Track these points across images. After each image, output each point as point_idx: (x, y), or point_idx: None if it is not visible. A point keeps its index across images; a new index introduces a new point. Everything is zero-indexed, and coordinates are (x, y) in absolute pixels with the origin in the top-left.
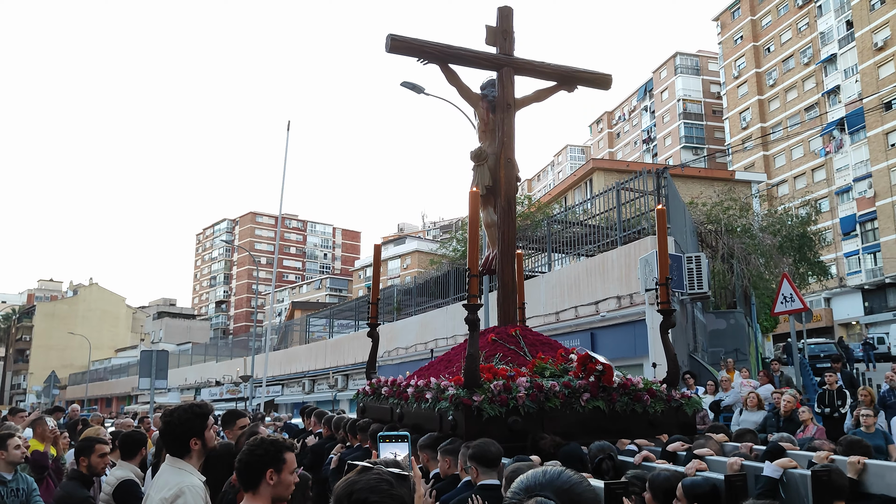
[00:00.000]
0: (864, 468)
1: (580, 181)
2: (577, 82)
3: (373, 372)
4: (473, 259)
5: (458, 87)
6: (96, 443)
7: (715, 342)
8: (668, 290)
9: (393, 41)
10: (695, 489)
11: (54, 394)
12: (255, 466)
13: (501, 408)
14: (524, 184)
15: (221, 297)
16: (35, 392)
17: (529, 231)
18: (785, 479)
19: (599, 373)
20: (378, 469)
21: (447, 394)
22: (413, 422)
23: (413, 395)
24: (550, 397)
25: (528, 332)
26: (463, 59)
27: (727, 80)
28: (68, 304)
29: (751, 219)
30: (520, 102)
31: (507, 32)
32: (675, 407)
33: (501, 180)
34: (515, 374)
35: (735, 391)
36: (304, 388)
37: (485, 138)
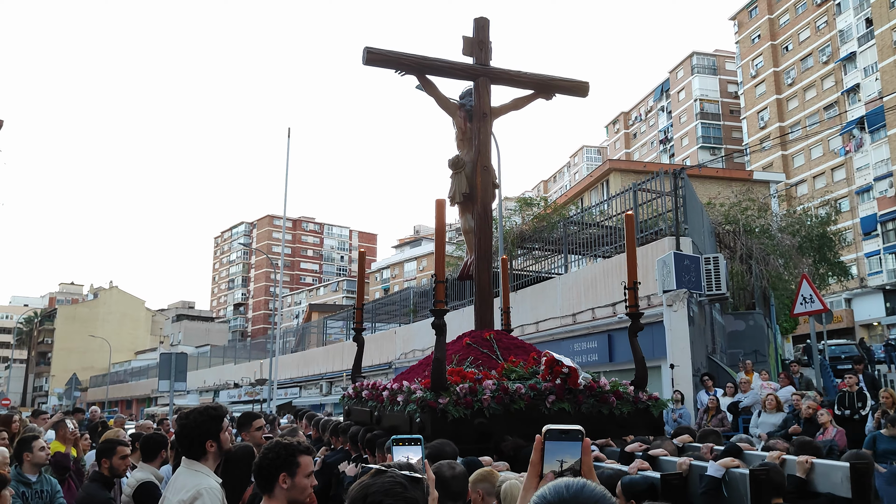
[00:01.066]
0: (811, 468)
1: (596, 182)
2: (554, 90)
3: (358, 375)
4: (440, 266)
5: (436, 97)
6: (118, 445)
7: (734, 344)
8: (636, 294)
9: (369, 54)
10: (632, 487)
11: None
12: (268, 470)
13: (467, 410)
14: (540, 185)
15: (239, 300)
16: (57, 394)
17: (545, 232)
18: (727, 477)
19: (565, 375)
20: (392, 472)
21: (415, 396)
22: (389, 423)
23: (388, 398)
24: (516, 399)
25: (504, 336)
26: (439, 69)
27: (744, 79)
28: (89, 307)
29: (769, 219)
30: (497, 111)
31: (483, 43)
32: (642, 408)
33: (478, 187)
34: (483, 377)
35: (754, 393)
36: (322, 391)
37: (462, 146)
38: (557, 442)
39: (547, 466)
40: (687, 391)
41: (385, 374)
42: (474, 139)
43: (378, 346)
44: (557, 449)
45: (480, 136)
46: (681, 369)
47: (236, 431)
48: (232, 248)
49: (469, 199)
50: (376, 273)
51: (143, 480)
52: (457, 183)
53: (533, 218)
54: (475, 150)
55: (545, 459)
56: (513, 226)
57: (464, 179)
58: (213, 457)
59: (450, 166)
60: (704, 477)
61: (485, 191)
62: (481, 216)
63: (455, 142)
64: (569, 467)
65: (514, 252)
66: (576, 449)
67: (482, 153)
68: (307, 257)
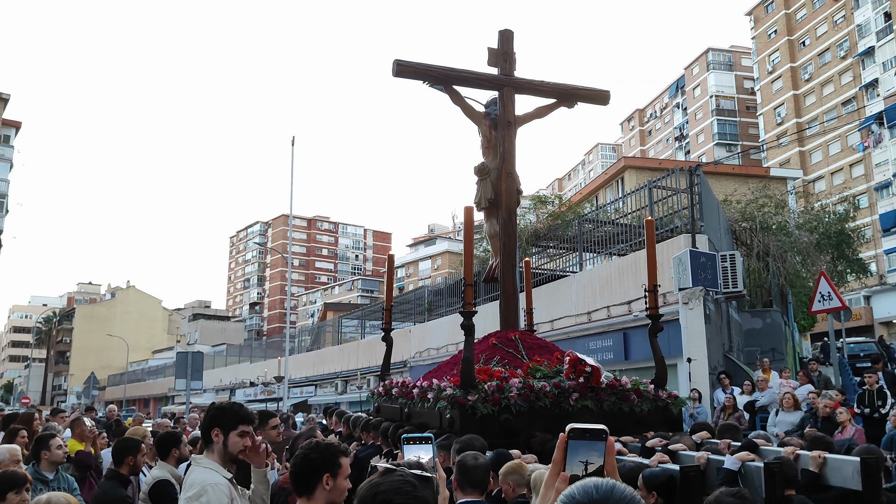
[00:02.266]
0: (824, 462)
1: (611, 180)
2: (576, 99)
3: (387, 374)
4: (468, 270)
5: (462, 107)
6: (142, 443)
7: (751, 342)
8: (656, 296)
9: (399, 66)
10: (653, 479)
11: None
12: (311, 470)
13: (494, 407)
14: (555, 183)
15: (255, 299)
16: (75, 393)
17: (560, 230)
18: (743, 470)
19: (588, 374)
20: (401, 470)
21: (445, 394)
22: (419, 420)
23: (418, 396)
24: (541, 397)
25: (528, 337)
26: (465, 80)
27: (761, 75)
28: (107, 306)
29: (787, 216)
30: (521, 119)
31: (507, 54)
32: (662, 406)
33: (503, 193)
34: (509, 375)
35: (771, 391)
36: (337, 389)
37: (487, 154)
38: (581, 441)
39: (569, 467)
40: (704, 389)
41: (400, 372)
42: (499, 147)
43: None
44: (581, 449)
45: (505, 144)
46: (697, 368)
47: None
48: (247, 248)
49: (494, 204)
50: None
51: (159, 478)
52: (482, 189)
53: (547, 216)
54: (500, 158)
55: (568, 459)
56: (527, 224)
57: (489, 186)
58: (217, 449)
59: (475, 173)
60: (721, 470)
61: (509, 196)
62: (506, 221)
63: (480, 149)
64: (593, 471)
65: (528, 250)
66: (599, 449)
67: (507, 160)
68: (322, 256)
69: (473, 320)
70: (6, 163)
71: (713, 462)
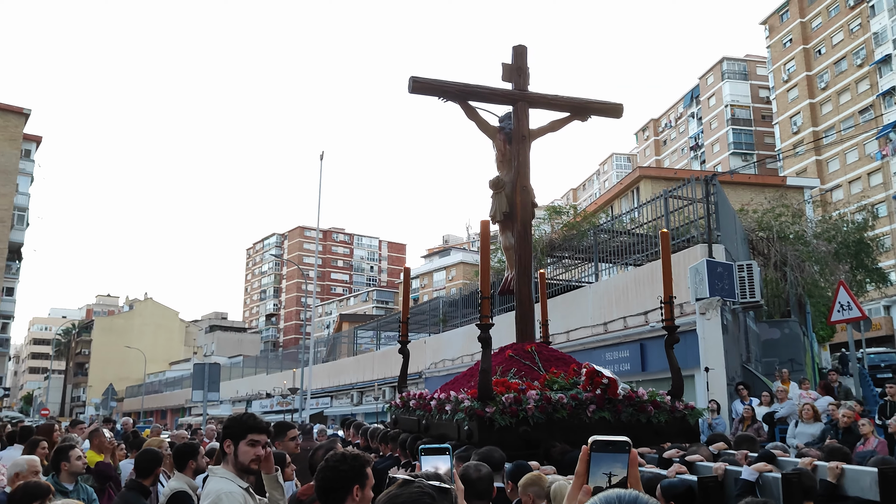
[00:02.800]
0: (842, 473)
1: (627, 190)
2: (589, 112)
3: (404, 386)
4: (485, 283)
5: (477, 122)
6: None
7: (769, 352)
8: (672, 308)
9: (415, 83)
10: (672, 489)
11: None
12: (342, 482)
13: (512, 418)
14: (569, 193)
15: (271, 311)
16: (94, 404)
17: (575, 241)
18: (760, 481)
19: (605, 386)
20: (420, 482)
21: (463, 405)
22: (437, 432)
23: (435, 408)
24: (559, 409)
25: (544, 349)
26: (480, 96)
27: (776, 84)
28: (124, 318)
29: (804, 225)
30: (535, 133)
31: (521, 69)
32: (679, 417)
33: (517, 206)
34: (527, 387)
35: (791, 402)
36: (353, 400)
37: (502, 168)
38: (604, 454)
39: (593, 479)
40: (722, 400)
41: (416, 383)
42: (514, 160)
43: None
44: (604, 461)
45: (520, 158)
46: (715, 379)
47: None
48: (264, 260)
49: (509, 217)
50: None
51: (177, 490)
52: (497, 202)
53: (562, 226)
54: (514, 171)
55: (591, 471)
56: (542, 235)
57: (504, 199)
58: (231, 459)
59: (491, 186)
60: (739, 481)
61: (524, 210)
62: (521, 234)
63: (495, 163)
64: (617, 483)
65: (543, 261)
66: (623, 461)
67: (521, 174)
68: (337, 268)
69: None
70: (27, 177)
71: (731, 473)
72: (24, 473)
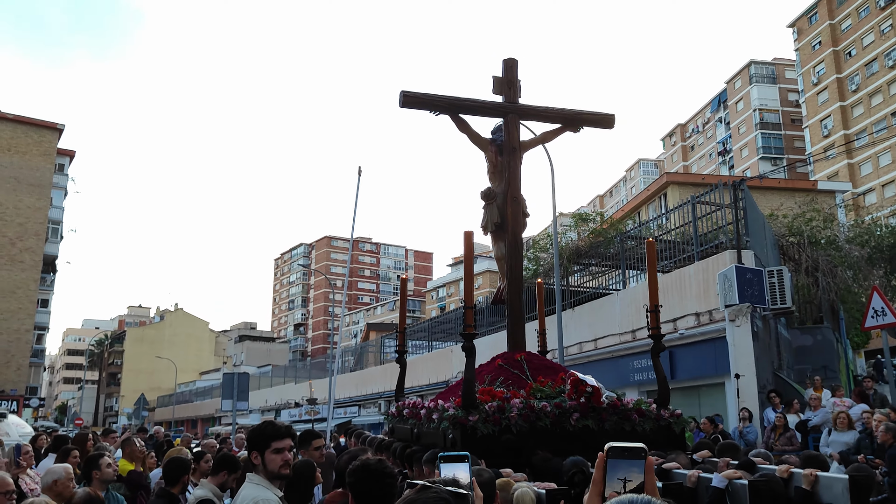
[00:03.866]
0: (816, 480)
1: (654, 196)
2: (580, 123)
3: (401, 395)
4: (468, 293)
5: (469, 134)
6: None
7: (801, 359)
8: (658, 317)
9: (405, 97)
10: None
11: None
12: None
13: (495, 427)
14: (596, 200)
15: (299, 320)
16: (126, 414)
17: (602, 248)
18: (730, 488)
19: (588, 394)
20: (436, 488)
21: (447, 414)
22: (427, 441)
23: (425, 416)
24: (542, 417)
25: (535, 358)
26: (471, 109)
27: (806, 87)
28: (155, 329)
29: (836, 230)
30: (526, 145)
31: (511, 82)
32: (664, 425)
33: (508, 217)
34: (511, 395)
35: (824, 411)
36: (381, 409)
37: (494, 179)
38: (620, 460)
39: (609, 486)
40: (753, 408)
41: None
42: (504, 172)
43: (435, 364)
44: (620, 467)
45: (510, 169)
46: (746, 386)
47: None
48: (291, 270)
49: (501, 228)
50: (432, 291)
51: (202, 498)
52: (489, 213)
53: (589, 233)
54: (505, 183)
55: (607, 478)
56: (568, 242)
57: (495, 210)
58: (261, 470)
59: (482, 198)
60: (710, 488)
61: (515, 220)
62: (511, 244)
63: (487, 175)
64: (633, 489)
65: (570, 268)
66: (639, 467)
67: (512, 185)
68: (364, 277)
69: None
70: (60, 191)
71: (703, 480)
72: (61, 481)
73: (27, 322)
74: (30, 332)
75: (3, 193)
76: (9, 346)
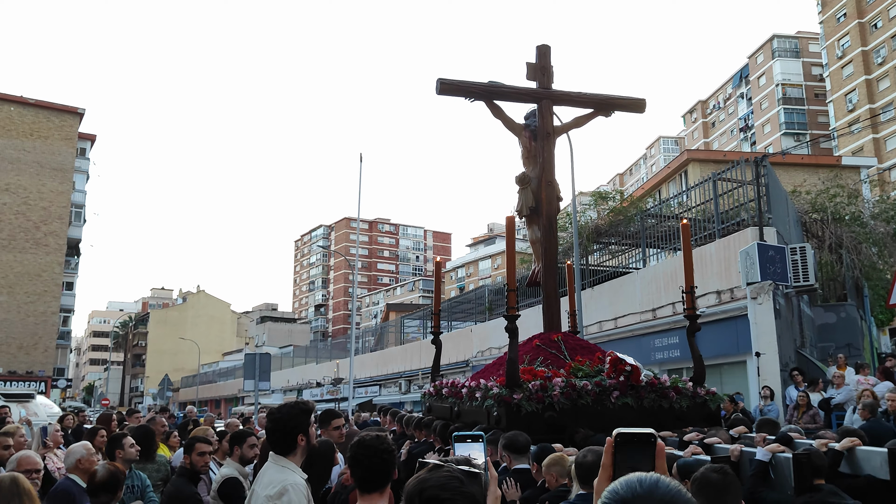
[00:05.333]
0: (853, 450)
1: (674, 173)
2: (612, 108)
3: (437, 375)
4: (511, 276)
5: (503, 120)
6: (196, 441)
7: (824, 337)
8: (694, 297)
9: (442, 84)
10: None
11: (168, 396)
12: (382, 468)
13: (538, 404)
14: (616, 178)
15: (320, 301)
16: (151, 394)
17: (622, 226)
18: (774, 461)
19: (628, 373)
20: (449, 466)
21: (492, 393)
22: (468, 419)
23: (466, 395)
24: (583, 395)
25: (570, 338)
26: (505, 95)
27: (830, 60)
28: (178, 310)
29: (860, 206)
30: (559, 130)
31: (545, 68)
32: (700, 402)
33: (543, 201)
34: (552, 375)
35: (848, 388)
36: (401, 389)
37: (528, 164)
38: (629, 446)
39: (619, 471)
40: (775, 387)
41: (462, 371)
42: (539, 157)
43: (455, 344)
44: (629, 453)
45: (545, 154)
46: (768, 364)
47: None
48: (312, 251)
49: (535, 212)
50: (451, 272)
51: (228, 476)
52: (524, 198)
53: (609, 212)
54: (540, 167)
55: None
56: (588, 221)
57: (530, 194)
58: (301, 451)
59: (517, 182)
60: (754, 461)
61: (549, 204)
62: (546, 228)
63: (521, 159)
64: None
65: (589, 247)
66: (648, 453)
67: (546, 170)
68: (384, 258)
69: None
70: (83, 174)
71: (746, 454)
72: (84, 458)
73: (53, 305)
74: (56, 314)
75: (27, 178)
76: (36, 328)
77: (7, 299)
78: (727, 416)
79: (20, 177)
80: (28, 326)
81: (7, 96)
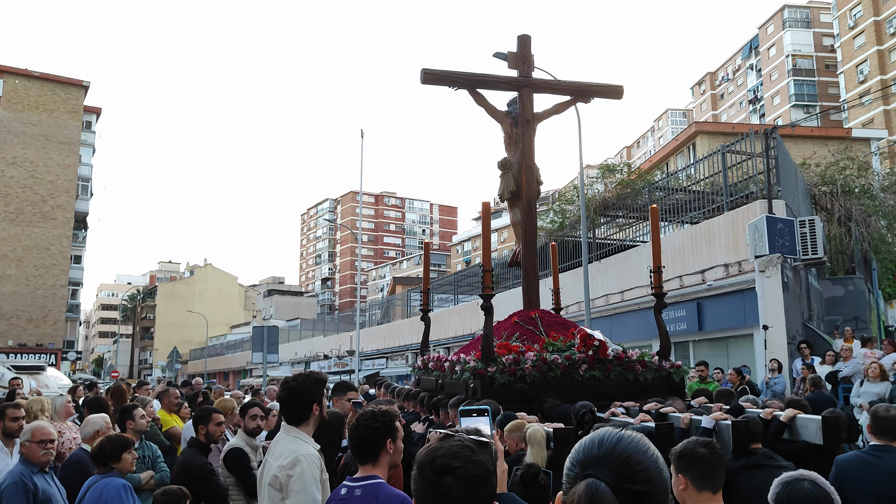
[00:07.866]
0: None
1: (683, 146)
2: (590, 95)
3: (425, 350)
4: (486, 257)
5: (486, 107)
6: (213, 412)
7: (832, 310)
8: (661, 277)
9: (426, 74)
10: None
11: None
12: (377, 438)
13: (510, 377)
14: (623, 151)
15: (326, 275)
16: (160, 367)
17: (629, 199)
18: (717, 428)
19: (596, 347)
20: (459, 436)
21: (469, 366)
22: (451, 390)
23: (448, 369)
24: (553, 368)
25: (547, 315)
26: (487, 84)
27: (841, 31)
28: (186, 283)
29: (871, 178)
30: (539, 116)
31: (525, 57)
32: (665, 375)
33: (523, 186)
34: (526, 349)
35: (855, 361)
36: (408, 361)
37: (509, 149)
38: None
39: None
40: (782, 359)
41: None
42: (519, 143)
43: (461, 317)
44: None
45: (525, 140)
46: (775, 337)
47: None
48: (318, 225)
49: (516, 196)
50: (457, 245)
51: (232, 447)
52: (505, 182)
53: (616, 185)
54: (520, 153)
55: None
56: (595, 194)
57: (511, 179)
58: (314, 421)
59: (499, 167)
60: (699, 428)
61: (529, 188)
62: (526, 211)
63: (504, 145)
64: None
65: (596, 220)
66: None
67: (526, 155)
68: (390, 231)
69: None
70: (89, 148)
71: (694, 422)
72: (102, 430)
73: (62, 278)
74: (64, 287)
75: (34, 151)
76: (45, 301)
77: (16, 272)
78: (735, 389)
79: (26, 150)
80: (37, 299)
81: (12, 69)
